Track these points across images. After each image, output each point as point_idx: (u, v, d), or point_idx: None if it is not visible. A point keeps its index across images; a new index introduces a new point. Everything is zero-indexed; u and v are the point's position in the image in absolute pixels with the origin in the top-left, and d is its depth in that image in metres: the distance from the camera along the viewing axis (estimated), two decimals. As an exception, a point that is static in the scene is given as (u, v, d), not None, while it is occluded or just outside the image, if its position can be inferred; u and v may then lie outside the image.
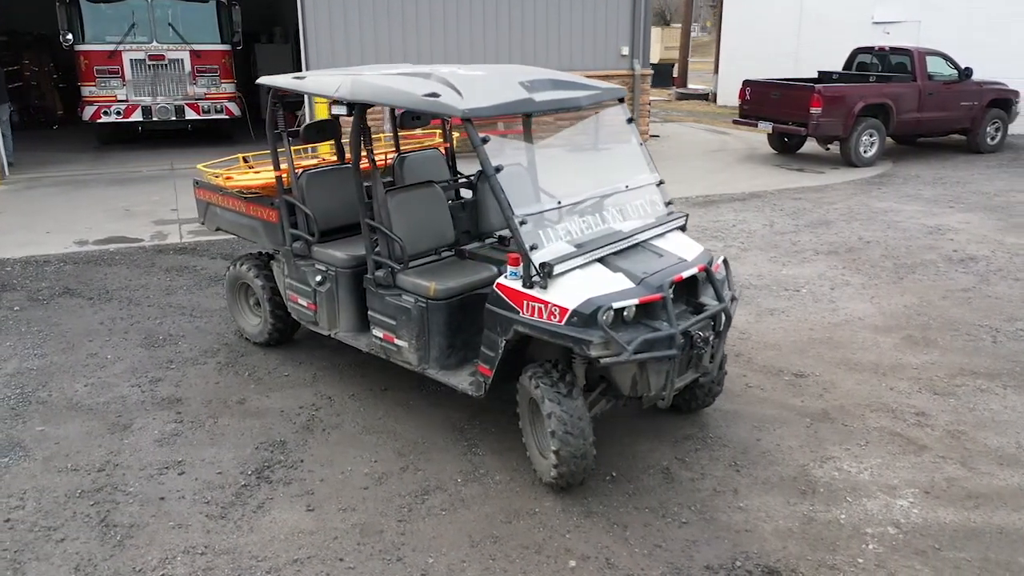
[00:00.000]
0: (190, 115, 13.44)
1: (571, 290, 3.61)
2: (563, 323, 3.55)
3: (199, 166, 5.42)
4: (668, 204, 4.54)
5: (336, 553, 3.41)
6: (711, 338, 3.83)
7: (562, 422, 3.62)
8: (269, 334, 5.27)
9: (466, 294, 4.22)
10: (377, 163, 5.61)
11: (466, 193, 5.33)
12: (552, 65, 13.60)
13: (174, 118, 13.37)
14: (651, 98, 15.97)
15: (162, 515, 3.65)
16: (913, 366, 5.21)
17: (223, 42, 13.67)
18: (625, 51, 14.28)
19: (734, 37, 22.23)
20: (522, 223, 3.67)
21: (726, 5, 22.81)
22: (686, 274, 3.86)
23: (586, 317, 3.51)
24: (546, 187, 5.38)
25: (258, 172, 5.29)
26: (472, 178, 5.15)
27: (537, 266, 3.61)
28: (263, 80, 4.70)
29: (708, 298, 4.06)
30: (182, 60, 13.31)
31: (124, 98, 13.06)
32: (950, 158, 13.17)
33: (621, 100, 4.56)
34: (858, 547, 3.46)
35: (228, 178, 5.10)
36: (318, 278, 4.69)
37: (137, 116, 13.16)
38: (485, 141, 3.71)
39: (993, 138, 13.49)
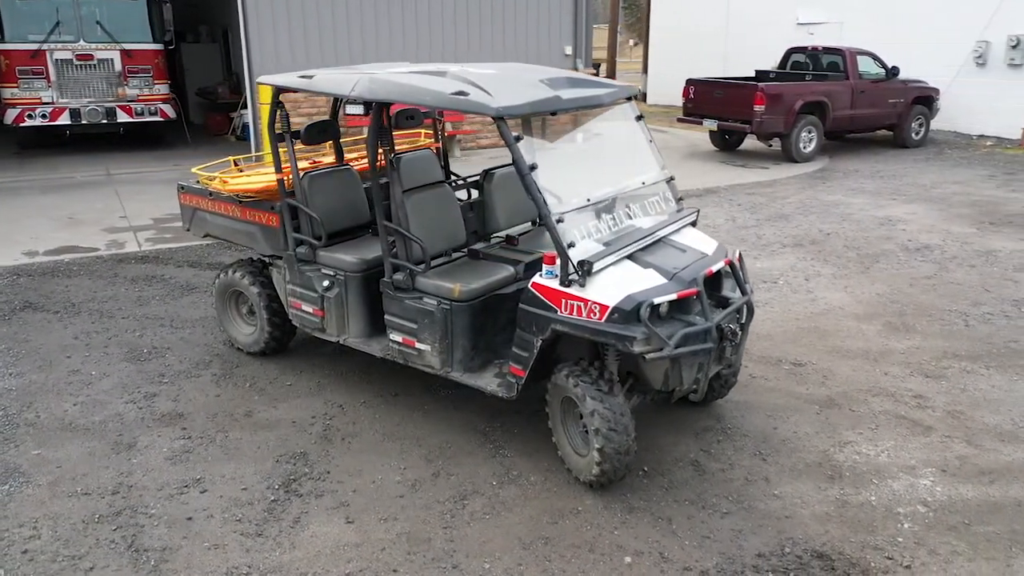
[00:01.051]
0: (122, 118, 12.82)
1: (609, 287, 3.60)
2: (603, 320, 3.55)
3: (193, 169, 5.18)
4: (679, 200, 4.60)
5: (388, 565, 3.32)
6: (737, 330, 3.90)
7: (605, 419, 3.62)
8: (266, 343, 5.08)
9: (488, 295, 4.17)
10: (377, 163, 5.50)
11: (459, 193, 5.27)
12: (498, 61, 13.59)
13: (104, 121, 12.73)
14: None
15: (193, 536, 3.47)
16: (900, 351, 5.44)
17: (155, 41, 13.10)
18: (568, 50, 14.42)
19: (663, 37, 22.70)
20: (559, 221, 3.65)
21: (654, 5, 23.28)
22: (716, 268, 3.93)
23: (627, 313, 3.52)
24: (551, 187, 5.37)
25: (251, 176, 5.08)
26: (477, 178, 5.08)
27: (576, 264, 3.60)
28: (264, 79, 4.52)
29: (728, 291, 4.14)
30: (112, 60, 12.68)
31: (50, 100, 12.36)
32: (880, 153, 13.81)
33: (629, 98, 4.60)
34: (894, 526, 3.59)
35: (224, 182, 4.88)
36: (326, 283, 4.55)
37: (64, 119, 12.46)
38: (519, 139, 3.68)
39: (917, 133, 14.21)
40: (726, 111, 12.56)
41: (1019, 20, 14.30)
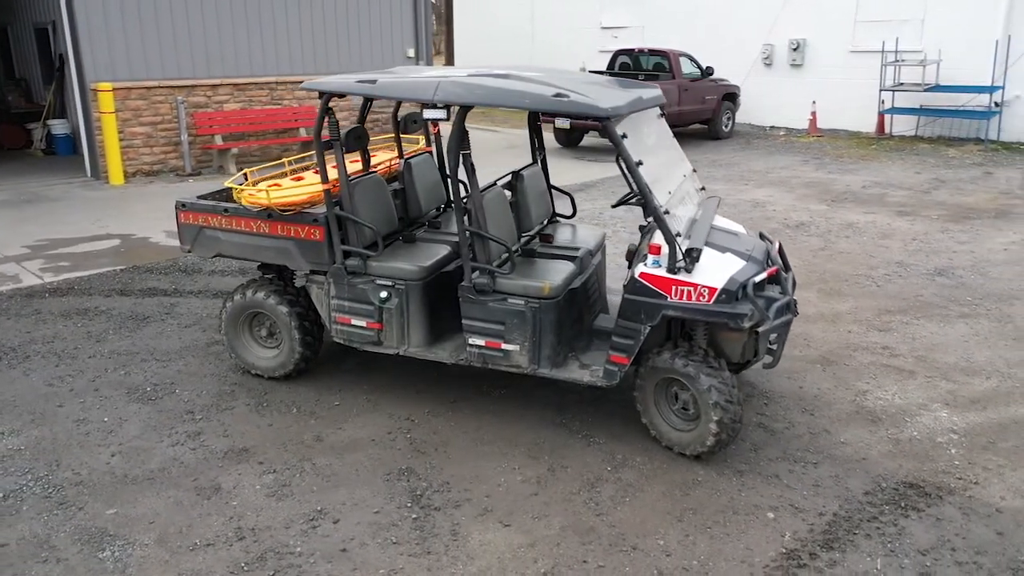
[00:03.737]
0: (-90, 134, 10.92)
1: (712, 272, 3.92)
2: (712, 302, 3.86)
3: (226, 183, 4.69)
4: (702, 190, 5.02)
5: (574, 557, 3.39)
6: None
7: (722, 393, 3.93)
8: (295, 365, 4.77)
9: (567, 290, 4.31)
10: (390, 166, 5.35)
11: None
12: (344, 67, 13.31)
13: None
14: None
15: (362, 566, 3.30)
16: (846, 312, 6.29)
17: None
18: (411, 52, 14.43)
19: (468, 39, 23.26)
20: (666, 212, 3.90)
21: (456, 7, 23.76)
22: (776, 248, 4.38)
23: (732, 294, 3.86)
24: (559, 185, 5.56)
25: (292, 187, 4.70)
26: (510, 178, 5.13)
27: (683, 252, 3.87)
28: (311, 85, 4.26)
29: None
30: None
31: None
32: (701, 144, 15.32)
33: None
34: (945, 453, 4.26)
35: (252, 195, 4.49)
36: (383, 294, 4.41)
37: None
38: (624, 137, 3.87)
39: (727, 126, 15.96)
40: (576, 110, 13.26)
41: (798, 26, 16.53)
